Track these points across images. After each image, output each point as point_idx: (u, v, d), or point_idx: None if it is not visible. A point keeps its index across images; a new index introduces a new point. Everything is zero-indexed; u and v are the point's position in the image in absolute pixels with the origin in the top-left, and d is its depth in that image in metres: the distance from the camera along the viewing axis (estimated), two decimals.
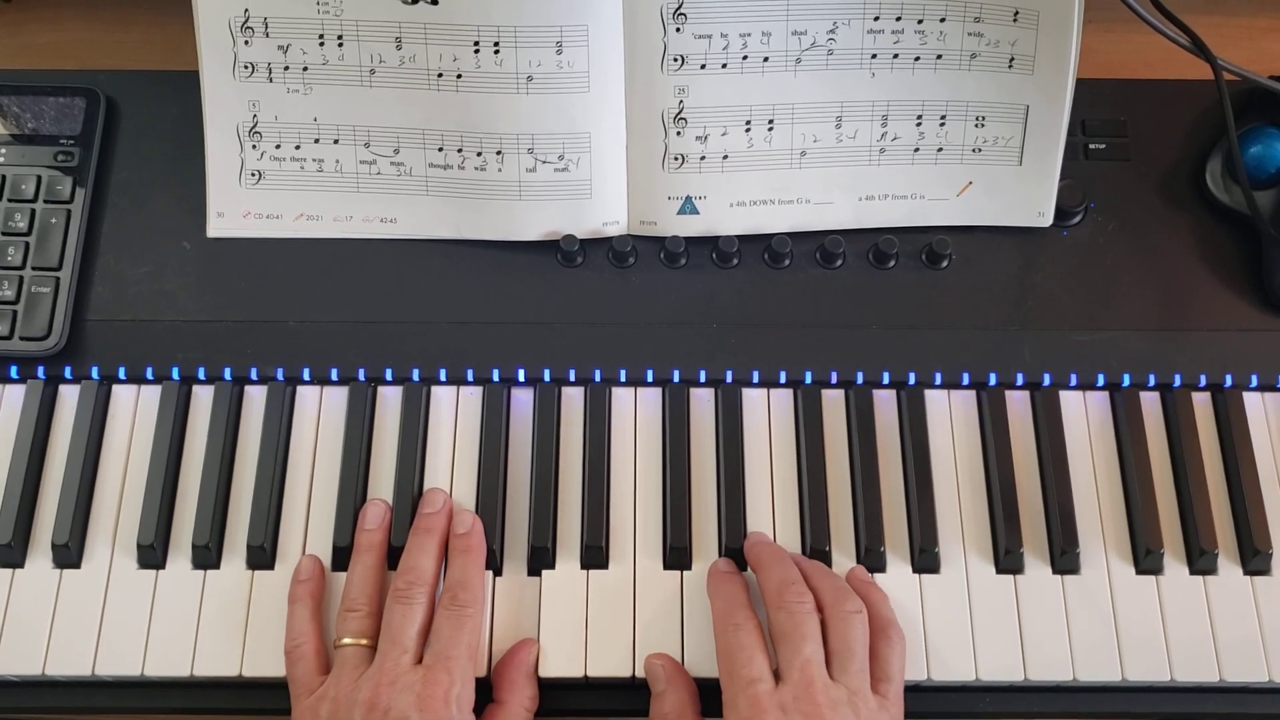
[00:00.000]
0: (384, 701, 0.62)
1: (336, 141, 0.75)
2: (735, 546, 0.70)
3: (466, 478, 0.72)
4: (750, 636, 0.63)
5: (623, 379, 0.74)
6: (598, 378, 0.74)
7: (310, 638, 0.66)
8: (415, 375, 0.74)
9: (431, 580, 0.67)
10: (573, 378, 0.74)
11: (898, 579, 0.69)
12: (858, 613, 0.64)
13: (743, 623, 0.64)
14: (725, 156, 0.75)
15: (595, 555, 0.70)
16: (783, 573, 0.66)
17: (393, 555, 0.69)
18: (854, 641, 0.63)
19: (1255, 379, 0.74)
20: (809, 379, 0.74)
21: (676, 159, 0.75)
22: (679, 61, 0.72)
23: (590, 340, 0.74)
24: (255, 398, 0.74)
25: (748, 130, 0.74)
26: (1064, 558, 0.70)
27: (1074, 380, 0.74)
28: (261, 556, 0.70)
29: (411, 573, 0.67)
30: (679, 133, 0.74)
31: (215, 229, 0.76)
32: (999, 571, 0.70)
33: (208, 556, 0.70)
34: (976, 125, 0.75)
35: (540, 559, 0.70)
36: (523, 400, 0.74)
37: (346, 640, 0.66)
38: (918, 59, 0.73)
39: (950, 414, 0.74)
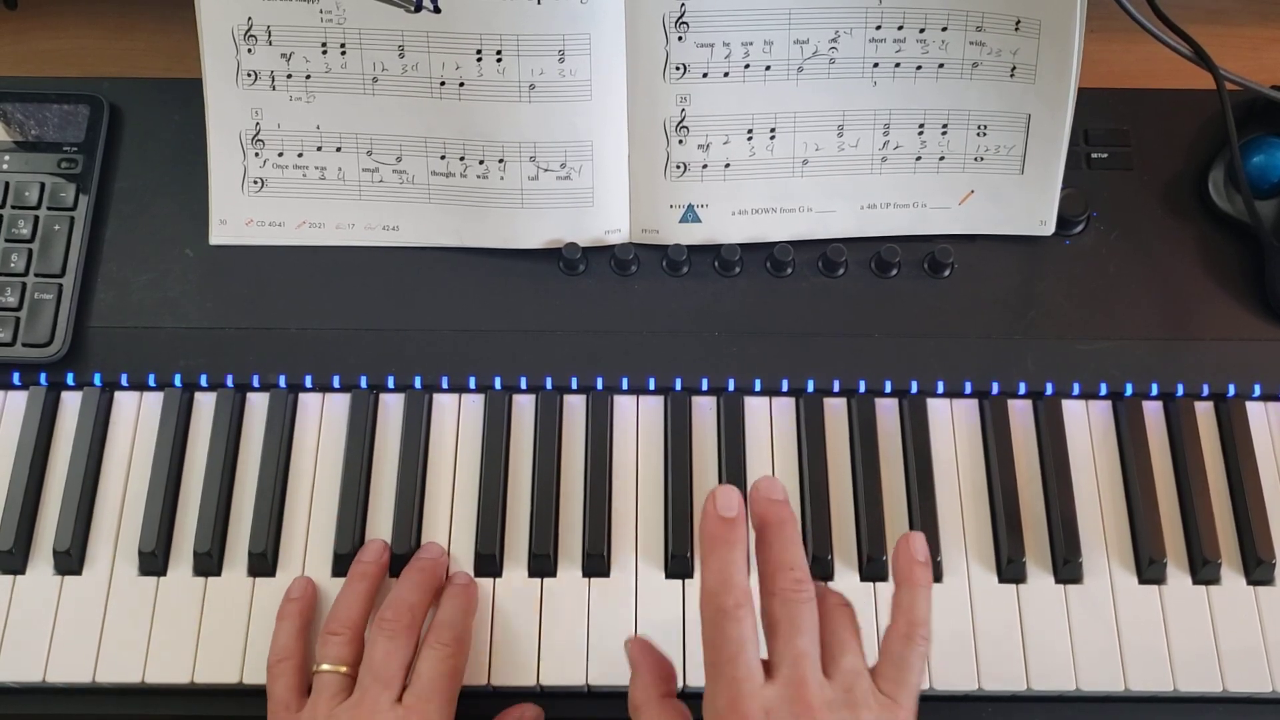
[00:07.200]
0: None
1: (339, 149, 0.75)
2: None
3: (468, 485, 0.72)
4: (740, 628, 0.56)
5: (625, 387, 0.74)
6: (600, 386, 0.74)
7: (294, 655, 0.66)
8: (417, 382, 0.74)
9: (419, 618, 0.66)
10: (575, 386, 0.74)
11: None
12: (843, 605, 0.60)
13: (732, 610, 0.56)
14: (727, 165, 0.75)
15: (597, 563, 0.69)
16: (783, 552, 0.58)
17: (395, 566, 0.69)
18: (843, 632, 0.59)
19: (1258, 389, 0.74)
20: (811, 387, 0.74)
21: (678, 167, 0.75)
22: (681, 70, 0.72)
23: (592, 348, 0.74)
24: (257, 405, 0.74)
25: (750, 139, 0.74)
26: (1067, 567, 0.70)
27: (1076, 389, 0.74)
28: (263, 564, 0.70)
29: (400, 605, 0.65)
30: (681, 141, 0.74)
31: (218, 236, 0.76)
32: (1001, 581, 0.70)
33: (209, 564, 0.70)
34: (978, 134, 0.75)
35: (542, 567, 0.69)
36: (525, 408, 0.74)
37: (325, 666, 0.64)
38: (919, 68, 0.73)
39: (953, 423, 0.74)
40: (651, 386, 0.74)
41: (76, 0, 0.89)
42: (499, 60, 0.72)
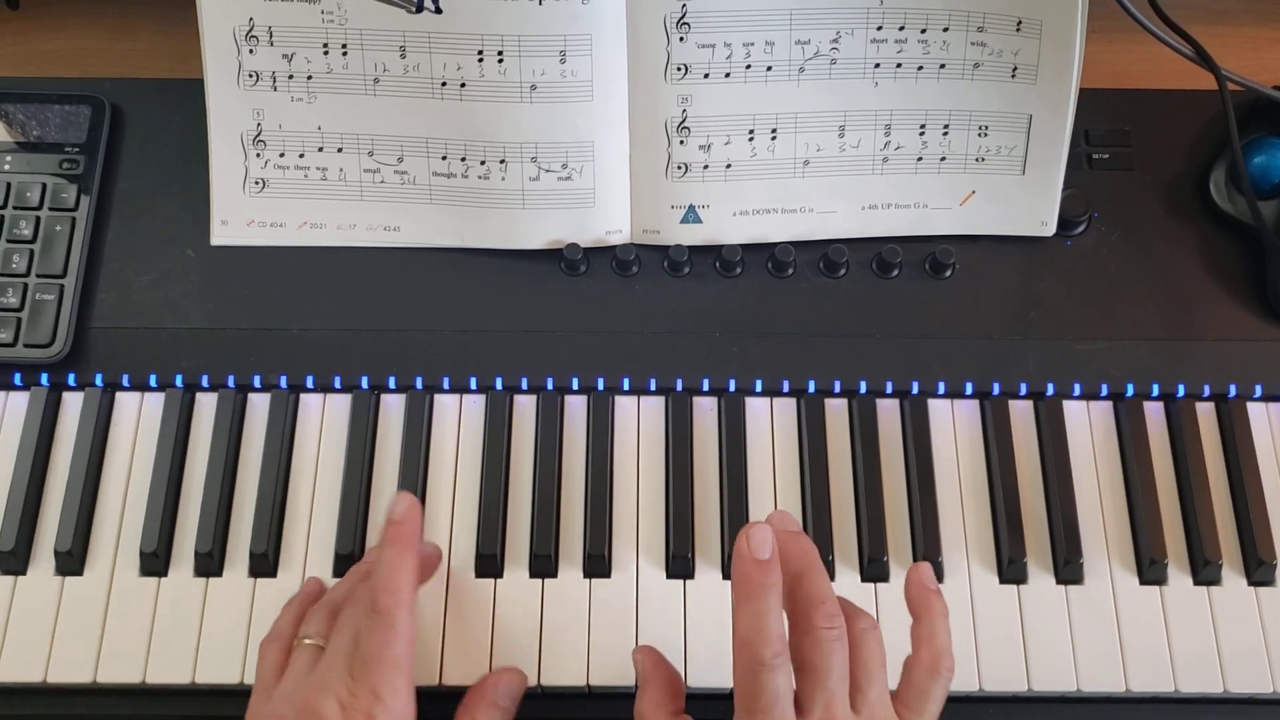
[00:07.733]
0: (313, 707, 0.59)
1: (340, 150, 0.75)
2: None
3: (469, 486, 0.72)
4: (776, 679, 0.56)
5: (626, 387, 0.74)
6: (601, 386, 0.74)
7: (283, 636, 0.65)
8: (419, 383, 0.74)
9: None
10: (576, 386, 0.74)
11: (901, 589, 0.69)
12: (873, 629, 0.60)
13: (770, 661, 0.56)
14: (728, 165, 0.75)
15: (598, 564, 0.69)
16: (816, 586, 0.58)
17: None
18: (871, 662, 0.59)
19: (1259, 389, 0.74)
20: (812, 388, 0.74)
21: (680, 168, 0.75)
22: (682, 71, 0.72)
23: (593, 349, 0.74)
24: (258, 405, 0.74)
25: (751, 139, 0.74)
26: (1068, 568, 0.70)
27: (1077, 390, 0.74)
28: (264, 564, 0.70)
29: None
30: (682, 142, 0.74)
31: (219, 237, 0.76)
32: (1002, 581, 0.70)
33: (210, 564, 0.70)
34: (979, 135, 0.75)
35: (542, 567, 0.70)
36: (526, 408, 0.74)
37: (306, 640, 0.63)
38: (921, 68, 0.73)
39: (954, 423, 0.74)
40: (653, 387, 0.74)
41: (78, 1, 0.89)
42: (500, 61, 0.72)
